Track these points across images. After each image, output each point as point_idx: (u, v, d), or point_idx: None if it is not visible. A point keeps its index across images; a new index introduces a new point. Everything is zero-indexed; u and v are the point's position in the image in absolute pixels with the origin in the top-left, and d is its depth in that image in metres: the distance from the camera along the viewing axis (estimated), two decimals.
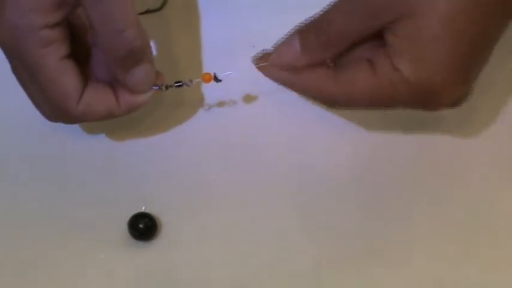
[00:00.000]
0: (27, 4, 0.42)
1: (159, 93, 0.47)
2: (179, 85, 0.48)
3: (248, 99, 0.51)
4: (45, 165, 0.51)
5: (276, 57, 0.45)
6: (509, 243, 0.48)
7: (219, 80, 0.48)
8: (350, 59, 0.44)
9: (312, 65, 0.44)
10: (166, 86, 0.47)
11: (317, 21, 0.44)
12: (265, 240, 0.48)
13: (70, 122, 0.47)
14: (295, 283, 0.48)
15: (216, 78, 0.47)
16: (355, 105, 0.45)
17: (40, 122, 0.50)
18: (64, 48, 0.44)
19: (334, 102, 0.45)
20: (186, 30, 0.53)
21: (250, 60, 0.46)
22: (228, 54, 0.52)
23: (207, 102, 0.52)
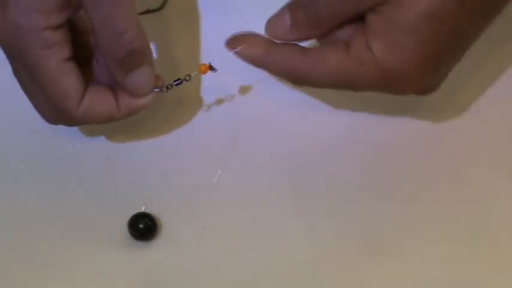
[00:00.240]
0: (30, 5, 0.41)
1: (160, 95, 0.47)
2: (178, 83, 0.47)
3: (244, 90, 0.51)
4: (45, 165, 0.51)
5: (268, 30, 0.46)
6: (509, 243, 0.48)
7: (215, 70, 0.48)
8: (329, 39, 0.45)
9: (302, 40, 0.45)
10: (166, 87, 0.47)
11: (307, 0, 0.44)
12: (265, 240, 0.48)
13: (70, 125, 0.47)
14: (295, 283, 0.48)
15: (212, 67, 0.47)
16: (321, 82, 0.45)
17: (40, 122, 0.50)
18: (66, 50, 0.44)
19: (301, 78, 0.45)
20: (186, 30, 0.53)
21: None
22: (228, 54, 0.52)
23: (206, 102, 0.52)
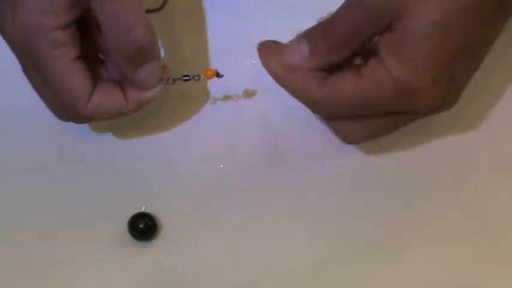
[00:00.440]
0: (38, 6, 0.42)
1: (166, 87, 0.47)
2: (186, 79, 0.48)
3: (248, 95, 0.51)
4: (45, 165, 0.51)
5: (284, 60, 0.44)
6: (509, 243, 0.48)
7: (221, 76, 0.47)
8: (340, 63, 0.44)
9: (322, 68, 0.44)
10: (173, 80, 0.47)
11: (324, 24, 0.43)
12: (265, 240, 0.49)
13: (80, 122, 0.47)
14: (295, 283, 0.48)
15: (218, 73, 0.47)
16: (338, 107, 0.44)
17: (39, 123, 0.50)
18: (75, 49, 0.44)
19: (319, 107, 0.45)
20: (186, 30, 0.53)
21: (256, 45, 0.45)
22: (228, 54, 0.52)
23: (206, 103, 0.52)
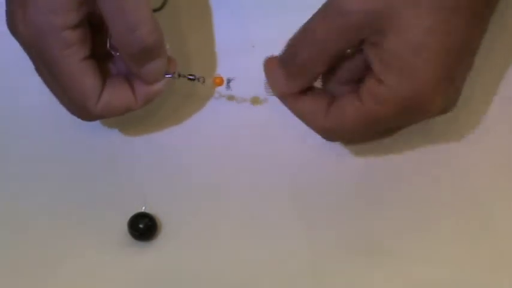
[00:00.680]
0: (48, 5, 0.42)
1: (171, 84, 0.47)
2: (192, 78, 0.47)
3: (255, 101, 0.51)
4: (45, 165, 0.51)
5: (272, 90, 0.45)
6: (509, 243, 0.48)
7: (230, 87, 0.48)
8: (337, 85, 0.44)
9: (302, 90, 0.44)
10: (179, 74, 0.47)
11: (291, 42, 0.43)
12: (265, 240, 0.49)
13: (90, 120, 0.47)
14: (294, 283, 0.48)
15: (228, 84, 0.47)
16: (346, 136, 0.44)
17: (39, 122, 0.50)
18: (85, 49, 0.44)
19: (329, 135, 0.45)
20: (186, 30, 0.53)
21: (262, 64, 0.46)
22: (228, 54, 0.52)
23: (207, 103, 0.51)
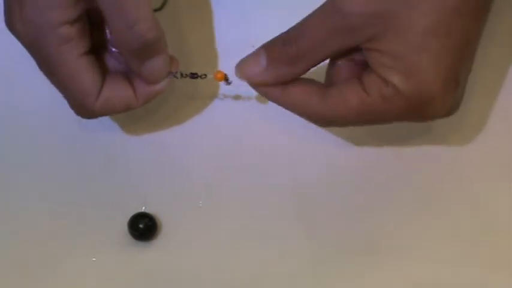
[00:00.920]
0: (45, 1, 0.41)
1: (172, 82, 0.46)
2: (193, 76, 0.47)
3: (248, 95, 0.51)
4: (45, 165, 0.51)
5: (241, 73, 0.44)
6: (509, 243, 0.48)
7: (230, 83, 0.47)
8: (338, 76, 0.44)
9: (282, 81, 0.43)
10: (181, 74, 0.47)
11: (287, 33, 0.43)
12: (265, 240, 0.49)
13: (90, 117, 0.47)
14: (295, 283, 0.48)
15: (227, 79, 0.47)
16: (345, 123, 0.44)
17: (39, 121, 0.50)
18: (83, 44, 0.43)
19: (323, 121, 0.44)
20: (186, 30, 0.53)
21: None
22: (228, 54, 0.52)
23: (207, 103, 0.51)
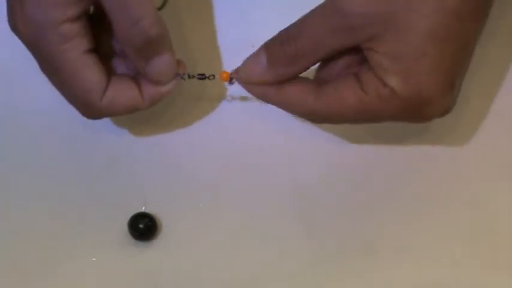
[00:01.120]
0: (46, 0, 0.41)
1: (179, 84, 0.46)
2: (201, 78, 0.47)
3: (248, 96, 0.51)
4: (45, 165, 0.51)
5: (243, 73, 0.44)
6: (509, 243, 0.48)
7: (232, 83, 0.46)
8: (332, 74, 0.44)
9: (282, 80, 0.43)
10: (188, 75, 0.46)
11: (285, 32, 0.43)
12: (265, 240, 0.49)
13: (95, 117, 0.47)
14: (295, 283, 0.48)
15: (231, 80, 0.46)
16: (341, 121, 0.44)
17: (39, 121, 0.50)
18: (85, 42, 0.43)
19: (319, 118, 0.44)
20: (186, 30, 0.53)
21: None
22: (228, 54, 0.52)
23: (208, 103, 0.51)
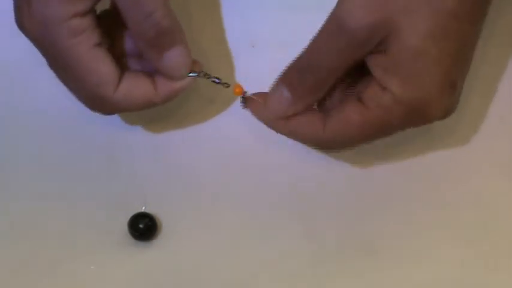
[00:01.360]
0: None
1: (194, 80, 0.45)
2: (215, 81, 0.46)
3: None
4: (45, 165, 0.50)
5: (270, 112, 0.44)
6: (509, 243, 0.48)
7: (242, 101, 0.46)
8: (333, 101, 0.44)
9: (307, 108, 0.43)
10: (204, 74, 0.46)
11: (298, 62, 0.43)
12: (265, 240, 0.49)
13: (109, 112, 0.46)
14: (295, 283, 0.48)
15: (243, 97, 0.46)
16: (349, 144, 0.44)
17: (39, 121, 0.50)
18: (95, 35, 0.43)
19: (326, 146, 0.45)
20: (186, 30, 0.53)
21: (240, 104, 0.46)
22: (228, 54, 0.52)
23: (208, 104, 0.51)
